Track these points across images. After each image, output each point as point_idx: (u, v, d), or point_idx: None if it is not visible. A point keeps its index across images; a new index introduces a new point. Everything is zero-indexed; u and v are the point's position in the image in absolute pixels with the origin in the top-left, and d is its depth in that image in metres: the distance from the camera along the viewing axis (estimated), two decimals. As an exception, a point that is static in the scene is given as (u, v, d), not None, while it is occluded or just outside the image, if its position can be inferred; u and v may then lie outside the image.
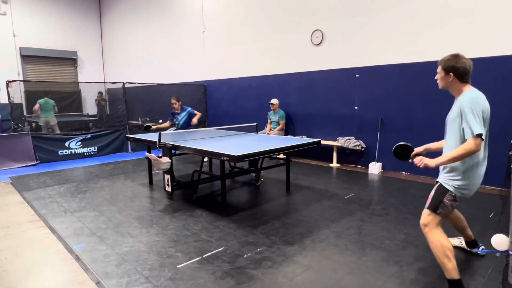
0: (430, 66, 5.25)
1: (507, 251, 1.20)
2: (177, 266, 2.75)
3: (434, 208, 2.29)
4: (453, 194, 2.26)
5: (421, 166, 2.28)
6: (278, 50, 7.65)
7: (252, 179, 5.51)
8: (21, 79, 12.50)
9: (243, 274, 2.62)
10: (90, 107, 13.22)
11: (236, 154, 3.54)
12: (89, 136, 7.98)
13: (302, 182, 5.34)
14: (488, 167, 5.05)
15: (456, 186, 2.25)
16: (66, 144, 7.62)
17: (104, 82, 11.71)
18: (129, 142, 8.44)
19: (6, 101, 7.86)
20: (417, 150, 2.61)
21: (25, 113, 10.79)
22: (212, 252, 2.99)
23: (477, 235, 3.24)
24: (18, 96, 11.17)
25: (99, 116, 12.01)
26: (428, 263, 2.75)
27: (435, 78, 2.37)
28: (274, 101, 7.37)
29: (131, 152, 8.46)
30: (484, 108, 2.19)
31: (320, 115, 7.00)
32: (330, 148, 6.72)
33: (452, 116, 2.29)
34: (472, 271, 2.60)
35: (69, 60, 14.14)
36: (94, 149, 8.00)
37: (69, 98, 12.71)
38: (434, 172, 5.50)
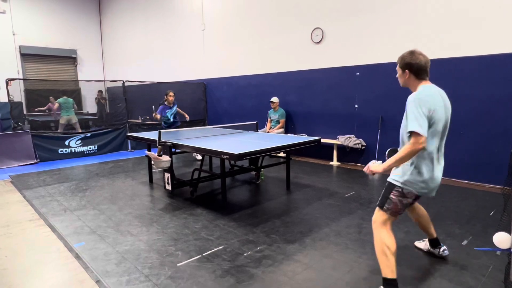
0: (432, 64, 5.23)
1: (509, 249, 1.19)
2: (177, 265, 2.75)
3: (381, 204, 2.29)
4: (400, 190, 2.22)
5: (368, 173, 2.22)
6: (278, 48, 7.63)
7: (252, 177, 5.50)
8: (21, 77, 12.48)
9: (243, 272, 2.62)
10: (90, 106, 13.21)
11: (236, 153, 3.53)
12: (89, 134, 7.97)
13: (302, 181, 5.34)
14: (488, 166, 5.04)
15: (401, 180, 2.21)
16: (66, 142, 7.62)
17: (104, 81, 11.69)
18: (129, 141, 8.44)
19: (6, 100, 7.85)
20: None
21: (24, 112, 10.79)
22: (212, 251, 2.98)
23: (478, 234, 3.25)
24: (18, 95, 11.17)
25: (99, 115, 11.99)
26: (428, 261, 2.75)
27: (396, 76, 2.34)
28: (274, 99, 7.35)
29: (131, 150, 8.45)
30: (431, 105, 2.07)
31: (320, 113, 6.99)
32: (330, 146, 6.71)
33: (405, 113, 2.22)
34: (472, 270, 2.60)
35: (69, 58, 14.12)
36: (94, 147, 8.00)
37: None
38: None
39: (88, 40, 14.58)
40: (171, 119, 6.83)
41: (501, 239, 1.20)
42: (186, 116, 7.18)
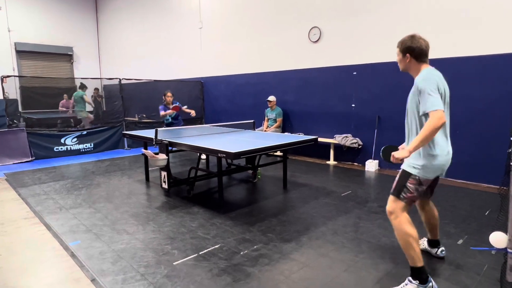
0: (431, 63, 5.24)
1: (505, 249, 1.20)
2: (174, 263, 2.74)
3: (397, 193, 2.26)
4: (417, 178, 2.21)
5: (396, 161, 2.14)
6: (276, 47, 7.63)
7: (249, 176, 5.50)
8: (16, 74, 12.37)
9: (239, 271, 2.61)
10: (86, 104, 13.11)
11: (233, 151, 3.53)
12: (85, 132, 7.92)
13: (299, 180, 5.34)
14: (483, 165, 5.07)
15: (418, 167, 2.20)
16: (62, 140, 7.57)
17: (101, 78, 11.61)
18: (125, 139, 8.41)
19: (1, 97, 7.78)
20: (402, 146, 2.55)
21: (20, 109, 10.71)
22: (209, 249, 2.98)
23: (473, 233, 3.27)
24: (13, 92, 11.09)
25: (95, 113, 11.91)
26: (424, 260, 2.75)
27: (396, 60, 2.37)
28: (271, 98, 7.35)
29: (127, 148, 8.42)
30: (439, 84, 2.16)
31: (317, 112, 7.00)
32: (327, 145, 6.72)
33: (410, 96, 2.27)
34: (468, 269, 2.61)
35: (65, 55, 14.02)
36: (90, 145, 7.96)
37: (65, 94, 12.59)
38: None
39: (85, 37, 14.48)
40: (170, 119, 6.81)
41: (497, 238, 1.20)
42: (192, 112, 6.85)
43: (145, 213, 3.92)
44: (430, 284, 2.19)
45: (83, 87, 9.39)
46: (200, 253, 2.92)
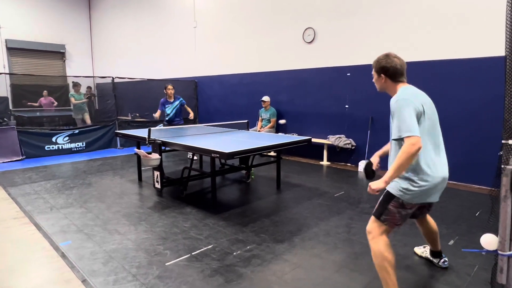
0: (420, 66, 5.30)
1: (496, 251, 1.21)
2: (166, 264, 2.73)
3: (378, 215, 2.13)
4: (400, 201, 2.06)
5: (373, 192, 1.99)
6: (270, 47, 7.63)
7: (243, 176, 5.49)
8: (7, 72, 12.20)
9: (232, 272, 2.61)
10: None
11: (226, 151, 3.52)
12: (77, 131, 7.84)
13: (292, 180, 5.35)
14: (474, 167, 5.12)
15: (401, 190, 2.05)
16: (53, 139, 7.48)
17: (93, 77, 11.50)
18: (118, 138, 8.33)
19: (-9, 95, 7.67)
20: (374, 161, 2.46)
21: (10, 107, 10.57)
22: (201, 250, 2.97)
23: (464, 233, 3.30)
24: (4, 90, 10.95)
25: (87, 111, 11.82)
26: (415, 261, 2.78)
27: (373, 81, 2.27)
28: (266, 98, 7.35)
29: (120, 148, 8.36)
30: (416, 103, 1.99)
31: (311, 113, 7.02)
32: (321, 146, 6.74)
33: (391, 119, 2.10)
34: (458, 269, 2.64)
35: (57, 53, 13.86)
36: (82, 144, 7.88)
37: (56, 93, 12.45)
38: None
39: (77, 35, 14.32)
40: (171, 114, 6.75)
41: (488, 240, 1.22)
42: (191, 113, 6.89)
43: (137, 213, 3.89)
44: None
45: (79, 85, 9.21)
46: (192, 253, 2.90)
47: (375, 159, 2.49)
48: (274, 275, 2.56)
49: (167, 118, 6.81)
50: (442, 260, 2.67)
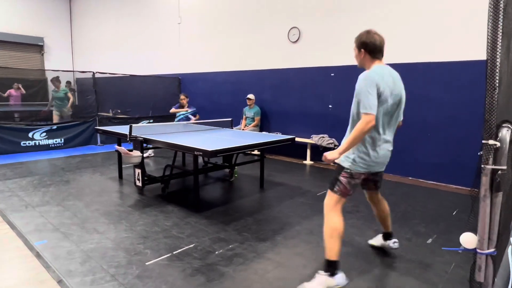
0: (404, 68, 5.39)
1: (474, 249, 1.24)
2: (146, 263, 2.67)
3: (331, 187, 2.35)
4: (349, 171, 2.28)
5: (328, 161, 2.20)
6: (255, 46, 7.61)
7: (226, 175, 5.45)
8: (-19, 64, 11.69)
9: (214, 271, 2.58)
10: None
11: (210, 149, 3.48)
12: (55, 127, 7.59)
13: (275, 179, 5.36)
14: (452, 168, 5.23)
15: (349, 160, 2.28)
16: (30, 134, 7.22)
17: (73, 71, 11.17)
18: (98, 135, 8.13)
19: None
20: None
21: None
22: (183, 249, 2.92)
23: (442, 232, 3.39)
24: (-23, 83, 10.47)
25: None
26: (396, 258, 2.83)
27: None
28: (251, 96, 7.34)
29: (100, 144, 8.15)
30: (380, 83, 2.14)
31: (295, 112, 7.04)
32: (304, 145, 6.78)
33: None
34: (436, 267, 2.70)
35: (35, 46, 13.38)
36: (60, 140, 7.64)
37: (34, 87, 12.02)
38: (403, 170, 5.64)
39: (56, 28, 13.86)
40: (181, 116, 6.86)
41: (467, 239, 1.24)
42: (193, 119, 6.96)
43: (117, 212, 3.80)
44: (339, 275, 2.28)
45: (58, 80, 8.77)
46: (173, 252, 2.86)
47: None
48: (256, 274, 2.55)
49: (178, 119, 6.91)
50: (392, 241, 2.80)
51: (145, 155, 6.73)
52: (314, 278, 2.32)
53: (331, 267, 2.26)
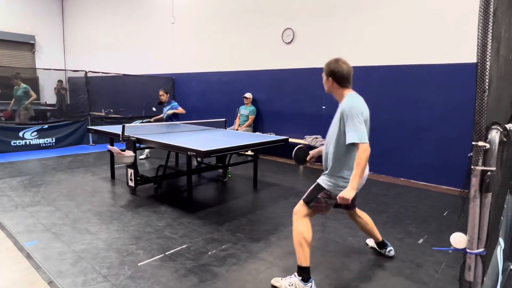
0: (397, 70, 5.46)
1: (464, 249, 1.26)
2: (138, 264, 2.65)
3: (307, 201, 2.40)
4: (328, 192, 2.32)
5: (345, 202, 2.15)
6: (249, 46, 7.61)
7: (219, 175, 5.45)
8: (-30, 62, 11.50)
9: (207, 271, 2.57)
10: (48, 96, 12.43)
11: (203, 149, 3.47)
12: (46, 126, 7.50)
13: (269, 179, 5.36)
14: (443, 168, 5.29)
15: (330, 184, 2.32)
16: (20, 134, 7.12)
17: (65, 70, 11.06)
18: (90, 134, 8.05)
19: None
20: (312, 153, 2.82)
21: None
22: (176, 249, 2.91)
23: (433, 232, 3.43)
24: (-34, 81, 10.28)
25: (58, 106, 11.34)
26: (387, 260, 2.85)
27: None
28: (248, 95, 7.37)
29: (92, 144, 8.08)
30: (364, 111, 2.24)
31: (289, 113, 7.06)
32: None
33: (334, 121, 2.36)
34: (427, 267, 2.73)
35: (26, 44, 13.20)
36: (52, 140, 7.55)
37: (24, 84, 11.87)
38: (395, 171, 5.68)
39: (48, 26, 13.69)
40: (164, 117, 6.67)
41: (457, 239, 1.26)
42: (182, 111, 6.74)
43: (109, 212, 3.77)
44: (310, 284, 2.30)
45: (17, 77, 8.20)
46: (166, 253, 2.84)
47: (314, 153, 2.86)
48: (249, 274, 2.55)
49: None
50: (388, 249, 2.87)
51: (142, 156, 6.69)
52: (289, 277, 2.38)
53: (303, 273, 2.32)
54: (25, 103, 8.04)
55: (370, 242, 3.04)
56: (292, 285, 2.32)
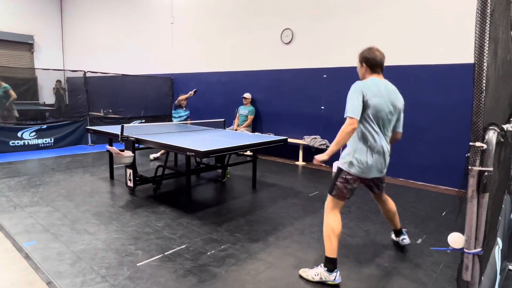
0: (394, 70, 5.46)
1: (462, 249, 1.26)
2: (137, 264, 2.65)
3: (330, 190, 2.53)
4: (344, 176, 2.45)
5: (317, 163, 2.42)
6: (248, 46, 7.62)
7: (218, 175, 5.45)
8: (-31, 62, 11.47)
9: (205, 272, 2.58)
10: (47, 96, 12.41)
11: (202, 150, 3.47)
12: (45, 126, 7.49)
13: (268, 180, 5.37)
14: (442, 169, 5.31)
15: (345, 163, 2.45)
16: (19, 134, 7.11)
17: (64, 70, 11.05)
18: (89, 134, 8.04)
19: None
20: None
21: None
22: (175, 250, 2.91)
23: (431, 232, 3.43)
24: (-35, 81, 10.25)
25: (57, 106, 11.33)
26: (386, 259, 2.86)
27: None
28: (247, 95, 7.38)
29: (91, 144, 8.07)
30: (367, 91, 2.34)
31: (288, 113, 7.07)
32: (297, 146, 6.81)
33: None
34: (425, 267, 2.74)
35: (25, 44, 13.16)
36: (50, 140, 7.54)
37: (23, 86, 11.83)
38: (393, 171, 5.70)
39: (47, 26, 13.66)
40: (180, 119, 6.68)
41: (455, 239, 1.27)
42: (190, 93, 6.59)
43: (108, 212, 3.77)
44: (335, 274, 2.43)
45: None
46: (165, 253, 2.84)
47: None
48: (248, 275, 2.55)
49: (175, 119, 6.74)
50: (401, 238, 3.00)
51: (156, 155, 6.64)
52: (316, 267, 2.52)
53: (329, 264, 2.44)
54: (5, 103, 7.81)
55: (393, 237, 3.13)
56: (317, 275, 2.46)
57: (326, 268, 2.44)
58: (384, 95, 2.40)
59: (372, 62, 2.47)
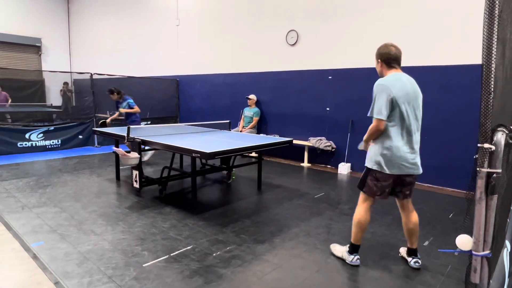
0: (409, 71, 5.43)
1: (470, 251, 1.25)
2: (143, 265, 2.67)
3: (360, 186, 2.66)
4: (374, 175, 2.52)
5: (364, 148, 2.63)
6: (253, 48, 7.63)
7: (224, 177, 5.46)
8: (-22, 64, 11.64)
9: (211, 273, 2.58)
10: (54, 98, 12.55)
11: (208, 151, 3.49)
12: (52, 128, 7.57)
13: (273, 181, 5.37)
14: (448, 170, 5.27)
15: (373, 161, 2.52)
16: (27, 136, 7.19)
17: (71, 72, 11.16)
18: (95, 136, 8.11)
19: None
20: None
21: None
22: (181, 251, 2.92)
23: (438, 235, 3.41)
24: (-26, 83, 10.42)
25: (64, 108, 11.45)
26: (392, 261, 2.84)
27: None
28: (252, 96, 7.39)
29: (97, 146, 8.13)
30: (392, 89, 2.36)
31: (293, 114, 7.07)
32: (302, 148, 6.80)
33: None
34: (433, 269, 2.72)
35: (32, 47, 13.33)
36: (58, 142, 7.61)
37: (31, 88, 12.01)
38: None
39: (54, 28, 13.82)
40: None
41: (463, 241, 1.26)
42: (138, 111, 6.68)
43: (114, 213, 3.79)
44: (353, 257, 2.71)
45: None
46: (171, 254, 2.86)
47: None
48: (254, 276, 2.55)
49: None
50: (413, 260, 2.73)
51: (145, 157, 6.67)
52: (343, 246, 2.84)
53: (352, 248, 2.72)
54: None
55: (401, 250, 2.93)
56: (341, 253, 2.80)
57: (348, 250, 2.72)
58: (407, 90, 2.41)
59: (387, 57, 2.48)
